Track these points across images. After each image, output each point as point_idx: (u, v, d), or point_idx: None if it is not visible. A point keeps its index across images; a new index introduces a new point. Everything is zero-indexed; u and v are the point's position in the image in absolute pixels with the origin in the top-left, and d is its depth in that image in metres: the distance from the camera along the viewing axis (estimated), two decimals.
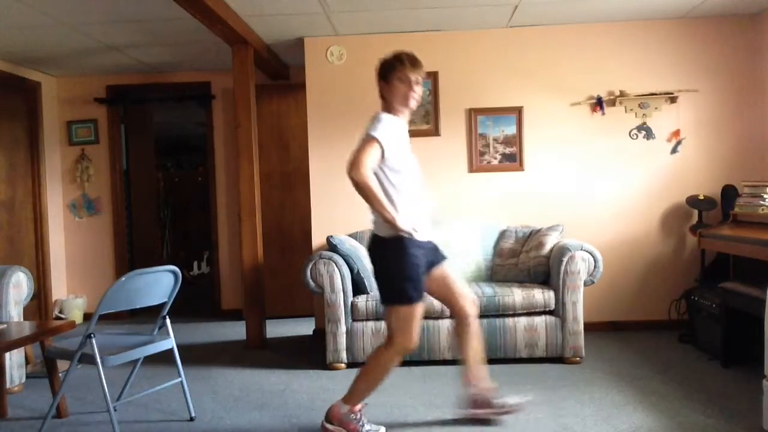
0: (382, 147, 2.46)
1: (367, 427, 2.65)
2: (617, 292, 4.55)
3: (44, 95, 5.51)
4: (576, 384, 3.36)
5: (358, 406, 2.69)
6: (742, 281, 3.54)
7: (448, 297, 2.80)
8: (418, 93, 2.63)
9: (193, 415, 3.01)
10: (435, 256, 2.72)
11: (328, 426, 2.66)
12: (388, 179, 2.53)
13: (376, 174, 2.49)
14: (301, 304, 5.31)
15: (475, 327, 2.80)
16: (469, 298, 2.82)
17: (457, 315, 2.81)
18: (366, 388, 2.66)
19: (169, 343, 2.99)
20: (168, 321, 3.06)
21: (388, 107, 2.63)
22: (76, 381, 3.59)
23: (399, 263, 2.52)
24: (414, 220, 2.54)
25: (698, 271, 4.30)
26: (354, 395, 2.66)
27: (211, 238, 5.92)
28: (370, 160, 2.43)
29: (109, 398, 2.68)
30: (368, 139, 2.45)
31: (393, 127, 2.55)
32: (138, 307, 2.95)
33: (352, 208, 4.61)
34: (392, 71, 2.60)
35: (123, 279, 2.72)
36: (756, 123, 4.45)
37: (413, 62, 2.63)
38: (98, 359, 2.65)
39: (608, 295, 4.52)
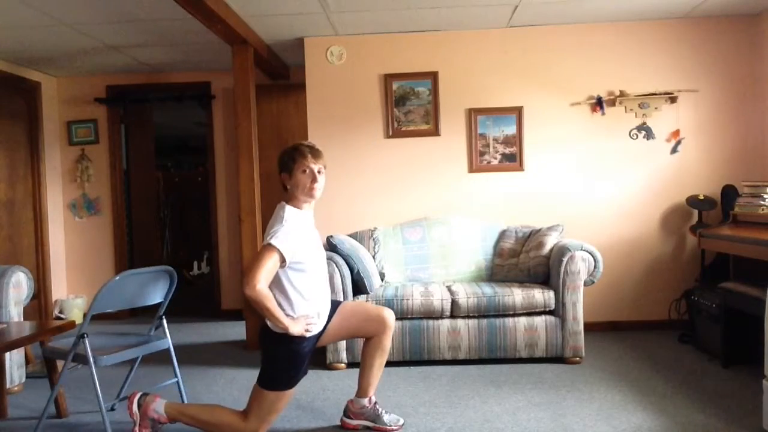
0: (281, 254, 2.42)
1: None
2: (617, 292, 4.55)
3: (44, 95, 5.51)
4: (576, 384, 3.36)
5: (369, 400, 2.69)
6: (742, 281, 3.53)
7: (365, 328, 2.79)
8: (321, 183, 2.61)
9: None
10: (329, 317, 2.71)
11: None
12: (290, 280, 2.51)
13: (278, 276, 2.48)
14: None
15: (389, 343, 2.80)
16: (389, 312, 2.80)
17: (377, 334, 2.77)
18: (190, 418, 2.60)
19: (165, 343, 2.99)
20: (164, 321, 3.06)
21: (291, 199, 2.61)
22: (76, 381, 3.59)
23: (282, 357, 2.54)
24: (312, 313, 2.55)
25: (698, 271, 4.31)
26: (176, 409, 2.62)
27: (211, 238, 5.92)
28: (266, 272, 2.38)
29: (101, 398, 2.68)
30: (267, 249, 2.41)
31: (296, 226, 2.52)
32: (133, 307, 2.96)
33: (352, 208, 4.62)
34: (293, 163, 2.57)
35: (116, 278, 2.71)
36: (756, 123, 4.45)
37: (314, 153, 2.59)
38: (91, 359, 2.65)
39: (608, 295, 4.52)
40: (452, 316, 3.75)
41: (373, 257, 4.15)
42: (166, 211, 8.27)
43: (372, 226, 4.48)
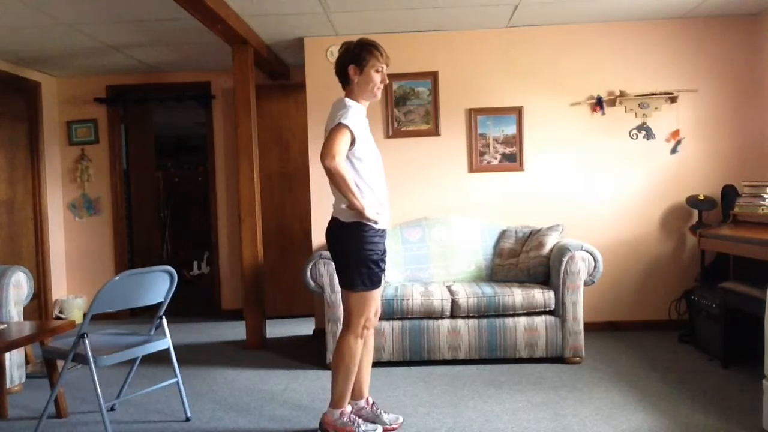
0: (352, 134, 2.46)
1: (363, 427, 2.65)
2: (617, 292, 4.55)
3: (44, 95, 5.51)
4: (576, 384, 3.36)
5: (348, 408, 2.70)
6: (742, 281, 3.53)
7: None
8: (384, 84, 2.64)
9: (188, 415, 3.01)
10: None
11: None
12: (354, 168, 2.54)
13: (346, 165, 2.50)
14: (301, 304, 5.31)
15: (372, 342, 2.83)
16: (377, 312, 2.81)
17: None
18: (344, 383, 2.65)
19: (165, 343, 2.99)
20: (164, 321, 3.06)
21: (350, 93, 2.61)
22: (76, 381, 3.60)
23: (358, 250, 2.54)
24: (377, 209, 2.56)
25: (698, 271, 4.31)
26: (338, 397, 2.66)
27: (211, 238, 5.92)
28: (343, 147, 2.43)
29: (101, 398, 2.68)
30: (340, 127, 2.44)
31: (360, 116, 2.56)
32: (133, 307, 2.96)
33: None
34: (369, 59, 2.56)
35: (117, 278, 2.71)
36: (756, 123, 4.45)
37: (385, 53, 2.63)
38: (91, 359, 2.65)
39: (608, 295, 4.52)
40: (452, 316, 3.75)
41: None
42: (166, 211, 8.27)
43: None
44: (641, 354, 3.90)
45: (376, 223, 2.54)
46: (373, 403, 2.84)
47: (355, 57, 2.57)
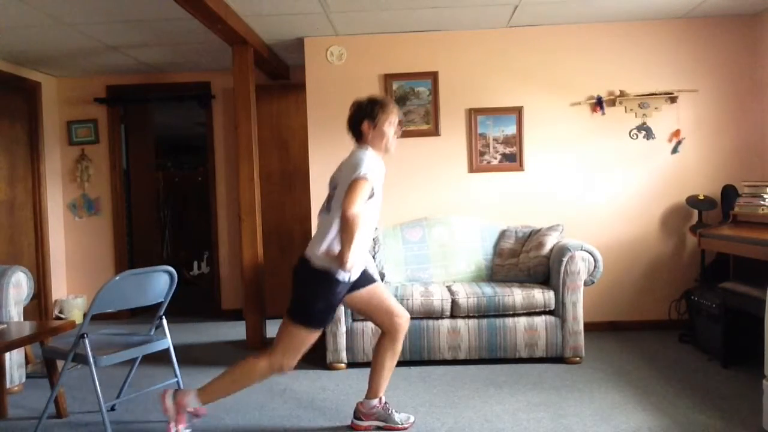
0: (372, 187, 2.52)
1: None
2: (617, 292, 4.55)
3: (44, 95, 5.51)
4: (576, 384, 3.36)
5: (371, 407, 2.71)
6: (742, 281, 3.54)
7: (376, 315, 2.81)
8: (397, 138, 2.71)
9: None
10: (361, 279, 2.72)
11: None
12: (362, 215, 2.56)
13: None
14: None
15: (400, 347, 2.83)
16: (405, 316, 2.82)
17: (388, 331, 2.80)
18: (223, 390, 2.66)
19: (165, 343, 2.99)
20: (164, 321, 3.06)
21: (368, 145, 2.65)
22: (76, 381, 3.60)
23: (321, 295, 2.57)
24: (358, 257, 2.57)
25: (698, 271, 4.31)
26: (208, 392, 2.64)
27: (211, 238, 5.92)
28: (363, 200, 2.46)
29: (101, 398, 2.68)
30: (362, 180, 2.47)
31: (377, 167, 2.59)
32: (133, 307, 2.96)
33: None
34: (383, 115, 2.62)
35: (117, 278, 2.72)
36: (756, 123, 4.45)
37: (397, 107, 2.71)
38: (91, 359, 2.65)
39: (608, 295, 4.52)
40: (452, 316, 3.75)
41: (373, 257, 4.15)
42: (166, 211, 8.27)
43: None
44: (641, 354, 3.90)
45: (345, 277, 2.56)
46: (385, 402, 2.85)
47: (369, 112, 2.62)
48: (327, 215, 2.64)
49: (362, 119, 2.63)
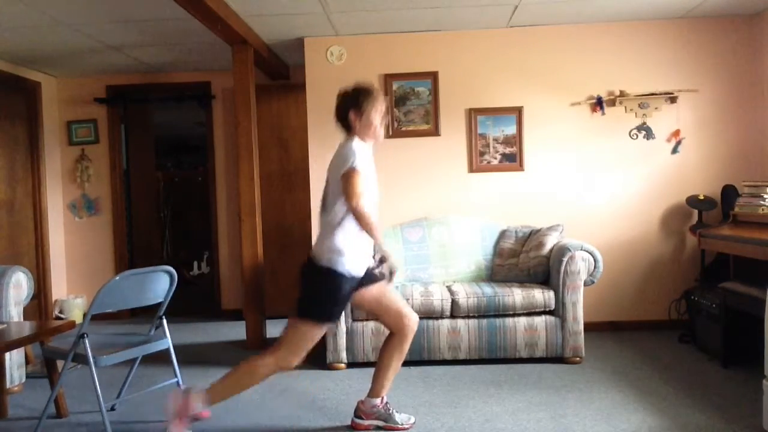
0: (362, 178, 2.52)
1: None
2: (617, 292, 4.54)
3: (44, 95, 5.51)
4: (576, 384, 3.36)
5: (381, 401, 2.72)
6: (742, 281, 3.53)
7: (386, 315, 2.81)
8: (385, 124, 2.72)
9: None
10: (367, 278, 2.73)
11: None
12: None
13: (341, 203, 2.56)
14: None
15: (407, 348, 2.83)
16: (415, 319, 2.82)
17: (397, 332, 2.79)
18: (228, 390, 2.64)
19: (165, 343, 3.00)
20: (164, 321, 3.06)
21: (355, 135, 2.64)
22: (76, 381, 3.59)
23: (328, 293, 2.58)
24: (364, 252, 2.62)
25: (698, 271, 4.31)
26: (212, 394, 2.62)
27: (211, 238, 5.92)
28: (363, 189, 2.49)
29: (101, 398, 2.68)
30: (354, 172, 2.49)
31: (366, 157, 2.60)
32: (133, 307, 2.96)
33: None
34: (369, 104, 2.62)
35: (117, 278, 2.72)
36: (756, 123, 4.45)
37: (381, 95, 2.72)
38: (91, 359, 2.65)
39: (608, 295, 4.52)
40: (452, 316, 3.75)
41: (373, 257, 4.14)
42: (166, 211, 8.27)
43: None
44: (641, 354, 3.90)
45: (350, 275, 2.58)
46: (387, 402, 2.85)
47: (354, 102, 2.63)
48: (326, 214, 2.66)
49: (348, 109, 2.63)
